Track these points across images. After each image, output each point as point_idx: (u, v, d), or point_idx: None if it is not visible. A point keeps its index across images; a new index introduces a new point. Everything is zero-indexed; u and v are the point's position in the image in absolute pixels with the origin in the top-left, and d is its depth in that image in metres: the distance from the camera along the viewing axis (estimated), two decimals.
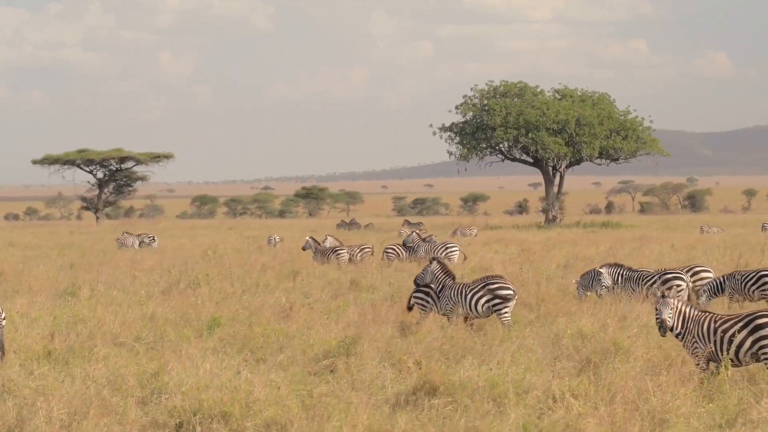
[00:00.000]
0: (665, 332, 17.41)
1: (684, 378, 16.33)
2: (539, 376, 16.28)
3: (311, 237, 46.10)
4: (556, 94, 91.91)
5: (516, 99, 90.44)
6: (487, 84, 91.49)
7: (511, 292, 23.87)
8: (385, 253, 44.82)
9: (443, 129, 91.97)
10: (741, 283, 26.59)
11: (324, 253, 44.13)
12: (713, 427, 13.97)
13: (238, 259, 46.29)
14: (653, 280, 26.72)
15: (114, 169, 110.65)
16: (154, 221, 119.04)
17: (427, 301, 24.43)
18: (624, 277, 27.41)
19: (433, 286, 24.51)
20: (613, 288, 27.31)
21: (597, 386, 15.45)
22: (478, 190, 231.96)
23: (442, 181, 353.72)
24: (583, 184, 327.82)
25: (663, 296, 17.50)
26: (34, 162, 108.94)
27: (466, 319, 23.86)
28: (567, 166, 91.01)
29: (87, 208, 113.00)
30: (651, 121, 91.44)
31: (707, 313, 17.58)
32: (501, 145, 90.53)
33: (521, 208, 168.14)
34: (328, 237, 47.19)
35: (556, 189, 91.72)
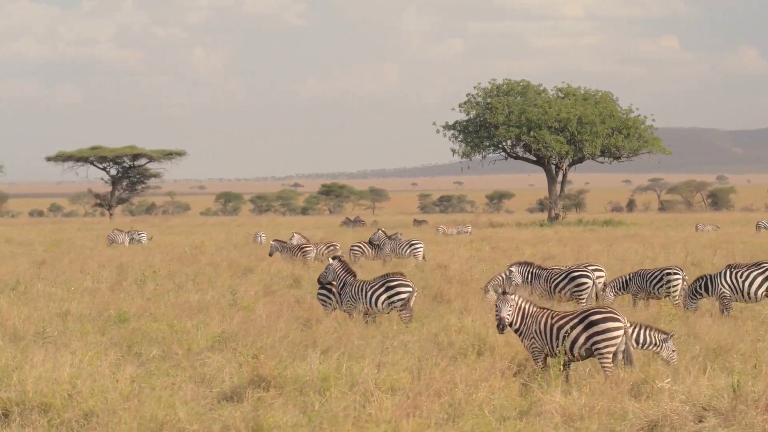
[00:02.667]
0: (503, 329, 18.02)
1: (503, 371, 16.94)
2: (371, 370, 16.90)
3: (276, 239, 46.84)
4: (559, 93, 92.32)
5: (519, 97, 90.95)
6: (490, 82, 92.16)
7: (409, 289, 24.55)
8: (351, 251, 45.51)
9: (447, 127, 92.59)
10: (645, 281, 27.13)
11: (291, 251, 44.89)
12: (506, 419, 14.61)
13: (209, 256, 47.11)
14: (561, 277, 27.30)
15: (127, 166, 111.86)
16: (165, 218, 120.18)
17: (330, 299, 25.17)
18: (534, 275, 27.97)
19: (335, 283, 25.22)
20: (524, 285, 27.88)
21: (419, 379, 16.11)
22: (508, 187, 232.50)
23: (473, 179, 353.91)
24: (612, 181, 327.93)
25: (504, 293, 18.10)
26: (48, 159, 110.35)
27: (366, 314, 24.58)
28: (569, 165, 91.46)
29: (100, 205, 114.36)
30: (653, 120, 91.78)
31: (545, 310, 18.20)
32: (504, 143, 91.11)
33: (542, 205, 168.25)
34: (295, 235, 47.99)
35: (558, 187, 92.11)
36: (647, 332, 18.69)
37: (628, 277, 27.51)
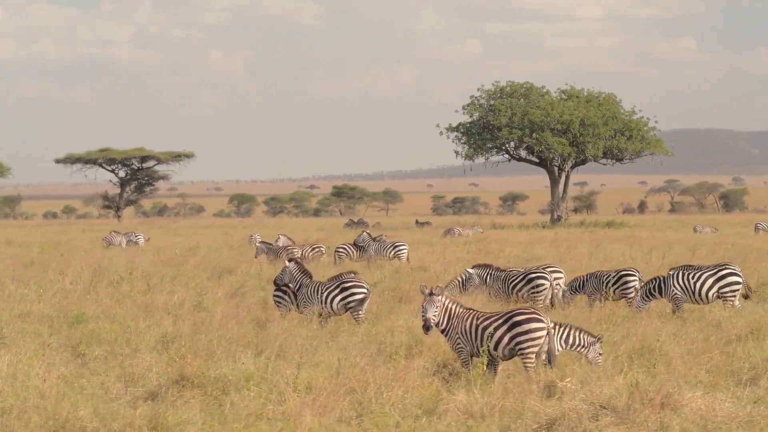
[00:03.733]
0: (428, 330, 18.38)
1: (420, 370, 17.31)
2: (304, 371, 17.30)
3: (262, 241, 47.32)
4: (563, 95, 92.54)
5: (522, 99, 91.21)
6: (493, 84, 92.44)
7: (364, 290, 24.93)
8: (336, 252, 45.92)
9: (450, 129, 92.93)
10: (601, 282, 27.45)
11: (277, 253, 45.35)
12: (412, 416, 14.99)
13: (199, 258, 47.57)
14: (518, 279, 27.64)
15: (136, 168, 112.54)
16: (173, 220, 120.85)
17: (285, 300, 25.59)
18: (493, 276, 28.32)
19: (291, 285, 25.63)
20: (483, 287, 28.24)
21: (337, 378, 16.49)
22: (523, 189, 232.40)
23: (488, 180, 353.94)
24: (628, 182, 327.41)
25: (430, 294, 18.45)
26: (57, 161, 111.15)
27: (320, 315, 24.98)
28: (572, 167, 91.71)
29: (109, 207, 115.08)
30: (656, 122, 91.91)
31: (471, 311, 18.56)
32: (507, 146, 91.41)
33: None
34: (281, 236, 48.44)
35: (561, 189, 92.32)
36: (577, 333, 19.03)
37: (585, 278, 27.83)
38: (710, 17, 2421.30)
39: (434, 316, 18.32)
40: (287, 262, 25.99)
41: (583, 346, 18.91)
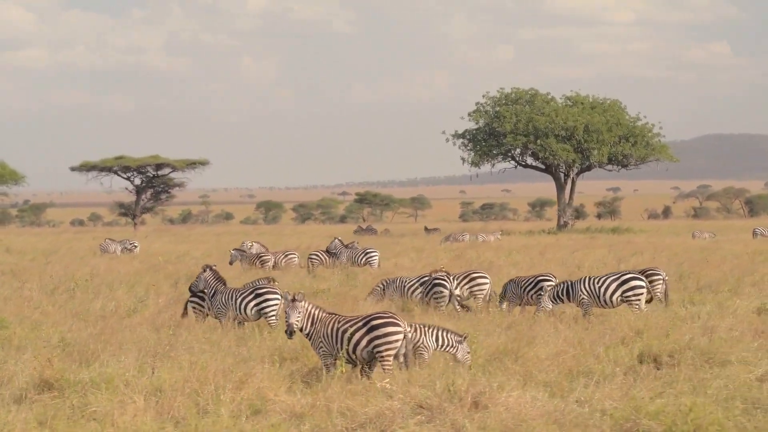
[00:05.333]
0: (291, 335, 19.06)
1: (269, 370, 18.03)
2: (187, 372, 18.01)
3: (236, 248, 48.08)
4: (568, 101, 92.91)
5: (527, 106, 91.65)
6: (498, 91, 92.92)
7: (277, 296, 25.64)
8: (309, 259, 46.62)
9: (456, 136, 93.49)
10: (519, 287, 28.03)
11: (250, 260, 46.13)
12: (239, 416, 15.71)
13: (181, 265, 48.37)
14: (416, 284, 28.43)
15: (151, 175, 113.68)
16: (190, 227, 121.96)
17: (202, 306, 26.35)
18: (391, 282, 29.22)
19: (206, 291, 26.38)
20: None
21: (188, 380, 17.21)
22: (553, 195, 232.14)
23: (521, 186, 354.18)
24: (661, 188, 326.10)
25: (293, 300, 19.12)
26: (72, 169, 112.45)
27: (235, 319, 25.71)
28: (577, 173, 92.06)
29: (125, 215, 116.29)
30: (660, 128, 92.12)
31: (333, 315, 19.23)
32: (513, 152, 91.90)
33: (577, 212, 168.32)
34: (255, 243, 49.19)
35: (567, 195, 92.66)
36: (444, 334, 19.69)
37: (505, 284, 28.45)
38: (742, 21, 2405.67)
39: (297, 321, 18.98)
40: (202, 270, 26.69)
41: (451, 346, 19.58)
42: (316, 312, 19.17)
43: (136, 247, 63.70)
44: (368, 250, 46.86)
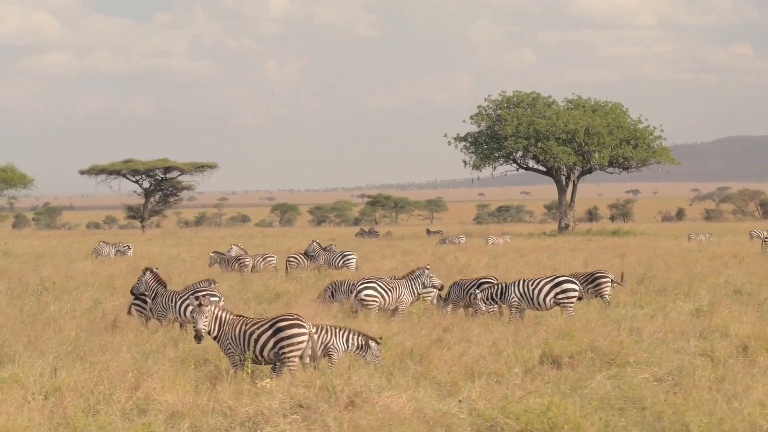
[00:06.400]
0: (200, 340, 19.51)
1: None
2: (89, 373, 18.49)
3: (215, 251, 48.57)
4: (569, 104, 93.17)
5: (528, 109, 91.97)
6: (500, 94, 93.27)
7: (216, 299, 26.10)
8: (287, 262, 47.10)
9: (458, 139, 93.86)
10: (462, 290, 28.42)
11: (229, 262, 46.63)
12: (128, 414, 16.21)
13: (163, 269, 48.86)
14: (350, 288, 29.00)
15: (159, 178, 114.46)
16: (197, 230, 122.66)
17: (144, 308, 26.87)
18: (340, 284, 29.82)
19: (148, 294, 26.89)
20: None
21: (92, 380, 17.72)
22: (579, 197, 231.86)
23: (542, 189, 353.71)
24: (681, 190, 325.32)
25: (200, 305, 19.56)
26: (81, 172, 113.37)
27: (176, 321, 26.21)
28: (579, 176, 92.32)
29: (133, 217, 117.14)
30: (662, 131, 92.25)
31: (240, 318, 19.68)
32: (514, 155, 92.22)
33: (590, 214, 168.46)
34: (234, 246, 49.69)
35: (568, 198, 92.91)
36: (355, 336, 20.12)
37: (450, 287, 28.86)
38: (765, 23, 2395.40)
39: (204, 326, 19.42)
40: (143, 273, 27.18)
41: (361, 348, 20.00)
42: (224, 315, 19.61)
43: (129, 249, 64.32)
44: (345, 253, 47.30)
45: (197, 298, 19.58)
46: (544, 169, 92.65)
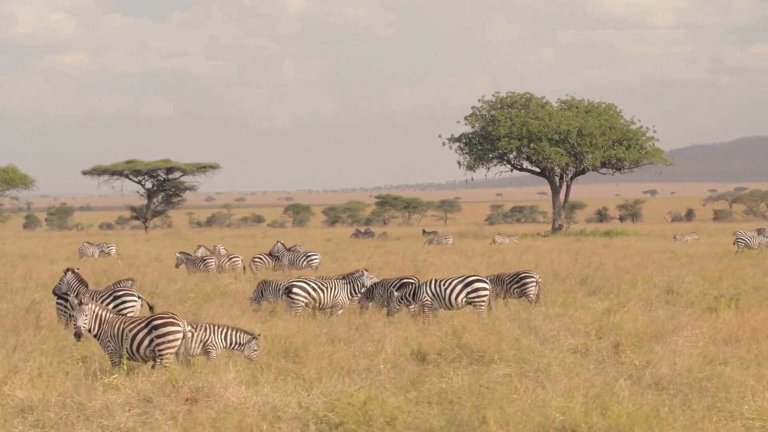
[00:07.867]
0: (80, 337, 20.19)
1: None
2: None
3: (181, 252, 49.31)
4: (563, 105, 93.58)
5: (521, 110, 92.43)
6: (494, 95, 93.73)
7: (134, 298, 26.82)
8: (252, 262, 47.82)
9: (452, 140, 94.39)
10: (386, 289, 29.01)
11: (195, 263, 47.38)
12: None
13: (137, 269, 49.64)
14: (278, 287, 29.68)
15: (162, 179, 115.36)
16: (199, 230, 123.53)
17: (66, 308, 27.57)
18: (269, 284, 30.53)
19: (70, 293, 27.60)
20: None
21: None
22: (592, 197, 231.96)
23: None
24: (699, 190, 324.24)
25: (80, 304, 20.24)
26: (84, 173, 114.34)
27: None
28: (572, 177, 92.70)
29: (136, 218, 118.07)
30: (654, 132, 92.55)
31: (120, 317, 20.37)
32: (508, 155, 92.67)
33: (601, 215, 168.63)
34: (200, 247, 50.42)
35: (562, 199, 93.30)
36: (233, 333, 20.82)
37: (372, 287, 29.45)
38: None
39: (84, 324, 20.10)
40: (65, 273, 27.89)
41: (240, 344, 20.71)
42: (104, 314, 20.29)
43: (112, 249, 65.16)
44: (309, 253, 47.98)
45: (77, 296, 20.26)
46: (537, 169, 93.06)
